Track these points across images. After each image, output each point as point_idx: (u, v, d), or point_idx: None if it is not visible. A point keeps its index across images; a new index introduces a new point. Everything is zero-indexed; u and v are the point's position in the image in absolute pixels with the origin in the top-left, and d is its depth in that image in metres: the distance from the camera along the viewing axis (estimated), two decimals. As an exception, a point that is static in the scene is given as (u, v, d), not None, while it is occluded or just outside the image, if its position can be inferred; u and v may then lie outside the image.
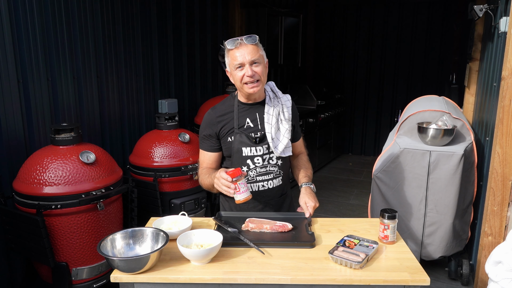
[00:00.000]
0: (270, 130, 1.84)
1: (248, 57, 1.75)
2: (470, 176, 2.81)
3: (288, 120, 1.88)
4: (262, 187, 1.91)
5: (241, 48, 1.75)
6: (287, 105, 1.91)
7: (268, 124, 1.85)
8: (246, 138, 1.85)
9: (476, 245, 2.88)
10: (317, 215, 1.91)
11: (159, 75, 3.75)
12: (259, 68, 1.78)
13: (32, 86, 2.61)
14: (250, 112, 1.88)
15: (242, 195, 1.65)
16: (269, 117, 1.86)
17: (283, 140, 1.85)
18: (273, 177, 1.92)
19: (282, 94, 1.96)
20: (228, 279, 1.42)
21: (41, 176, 2.22)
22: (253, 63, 1.76)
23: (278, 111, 1.87)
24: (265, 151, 1.87)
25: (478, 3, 3.08)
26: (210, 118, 1.90)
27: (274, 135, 1.84)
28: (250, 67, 1.75)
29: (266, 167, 1.89)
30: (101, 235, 2.37)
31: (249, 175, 1.89)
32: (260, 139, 1.87)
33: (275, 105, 1.88)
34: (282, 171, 1.94)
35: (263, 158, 1.88)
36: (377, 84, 6.36)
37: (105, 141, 3.25)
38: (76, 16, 2.88)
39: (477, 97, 3.38)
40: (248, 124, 1.88)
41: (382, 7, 6.11)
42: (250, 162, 1.87)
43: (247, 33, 1.96)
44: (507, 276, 1.63)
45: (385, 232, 1.65)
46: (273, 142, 1.84)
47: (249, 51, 1.75)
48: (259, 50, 1.79)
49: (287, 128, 1.87)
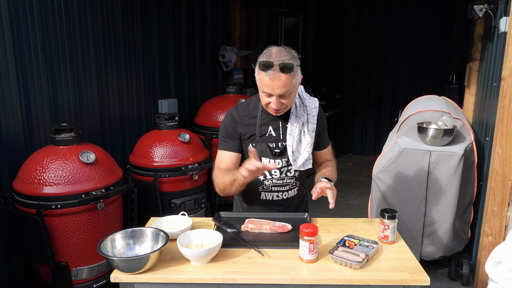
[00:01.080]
0: (291, 142, 1.76)
1: (278, 91, 1.60)
2: (470, 176, 2.81)
3: (311, 132, 1.79)
4: (276, 197, 1.87)
5: (273, 77, 1.57)
6: (313, 114, 1.81)
7: (290, 136, 1.76)
8: (267, 148, 1.77)
9: (476, 245, 2.87)
10: (317, 215, 1.91)
11: (159, 75, 3.75)
12: (288, 100, 1.65)
13: (32, 86, 2.61)
14: (274, 120, 1.78)
15: (313, 255, 1.50)
16: (292, 129, 1.76)
17: (303, 154, 1.78)
18: (289, 188, 1.88)
19: (310, 99, 1.84)
20: (228, 279, 1.42)
21: (41, 176, 2.22)
22: (282, 96, 1.63)
23: (302, 122, 1.77)
24: (284, 164, 1.80)
25: (478, 3, 3.08)
26: (233, 119, 1.80)
27: (295, 148, 1.76)
28: (277, 99, 1.62)
29: (283, 179, 1.84)
30: (101, 235, 2.37)
31: (265, 184, 1.85)
32: (280, 153, 1.78)
33: (301, 115, 1.77)
34: (299, 182, 1.89)
35: (280, 171, 1.82)
36: (377, 84, 6.36)
37: (105, 141, 3.25)
38: (76, 16, 2.88)
39: (477, 97, 3.38)
40: (270, 132, 1.78)
41: (382, 7, 6.11)
42: (267, 172, 1.81)
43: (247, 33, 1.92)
44: (507, 276, 1.63)
45: (385, 232, 1.65)
46: (293, 156, 1.76)
47: (281, 84, 1.58)
48: (293, 80, 1.61)
49: (309, 142, 1.78)
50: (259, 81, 1.65)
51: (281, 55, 1.60)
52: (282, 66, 1.56)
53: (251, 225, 1.73)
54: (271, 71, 1.57)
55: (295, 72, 1.62)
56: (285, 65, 1.56)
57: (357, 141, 6.64)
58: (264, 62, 1.58)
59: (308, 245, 1.47)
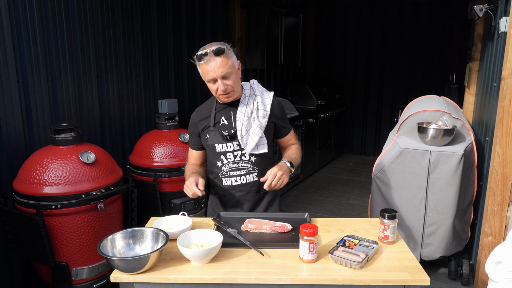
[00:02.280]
0: (240, 127, 1.90)
1: (218, 72, 1.78)
2: (470, 176, 2.81)
3: (262, 117, 1.92)
4: (234, 181, 1.98)
5: (210, 63, 1.78)
6: (266, 103, 1.95)
7: (239, 122, 1.91)
8: (219, 135, 1.93)
9: (476, 245, 2.88)
10: (317, 215, 1.91)
11: (159, 75, 3.75)
12: (231, 80, 1.83)
13: (32, 86, 2.61)
14: (226, 110, 1.96)
15: (313, 255, 1.51)
16: (240, 115, 1.92)
17: (253, 137, 1.90)
18: (245, 173, 1.97)
19: (264, 91, 2.00)
20: (228, 279, 1.42)
21: (41, 176, 2.22)
22: (224, 77, 1.80)
23: (251, 109, 1.93)
24: (236, 148, 1.94)
25: (478, 3, 3.08)
26: (193, 118, 2.04)
27: (244, 133, 1.90)
28: (222, 81, 1.81)
29: (238, 163, 1.96)
30: (101, 235, 2.37)
31: (223, 170, 1.98)
32: (231, 136, 1.93)
33: (249, 103, 1.93)
34: (256, 167, 1.97)
35: (234, 154, 1.95)
36: (377, 84, 6.36)
37: (105, 141, 3.25)
38: (76, 16, 2.88)
39: (477, 97, 3.38)
40: (223, 121, 1.96)
41: (382, 7, 6.11)
42: (223, 157, 1.96)
43: (247, 33, 2.00)
44: (507, 276, 1.63)
45: (385, 232, 1.65)
46: (243, 139, 1.90)
47: (218, 65, 1.77)
48: (229, 60, 1.81)
49: (257, 125, 1.90)
50: (202, 73, 1.84)
51: (212, 45, 1.80)
52: (215, 51, 1.77)
53: (251, 225, 1.73)
54: (207, 57, 1.77)
55: (228, 54, 1.80)
56: (217, 49, 1.77)
57: (357, 141, 6.64)
58: (199, 53, 1.79)
59: (308, 245, 1.47)
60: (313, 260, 1.50)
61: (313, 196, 4.77)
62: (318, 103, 5.43)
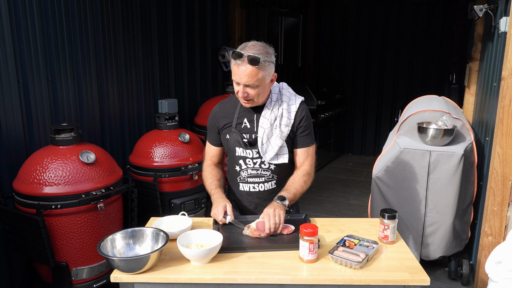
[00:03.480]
0: (262, 134, 1.82)
1: (243, 80, 1.70)
2: (470, 176, 2.81)
3: (285, 126, 1.82)
4: (252, 188, 1.91)
5: (241, 67, 1.68)
6: (290, 110, 1.84)
7: (261, 128, 1.82)
8: (240, 138, 1.85)
9: (476, 245, 2.87)
10: (317, 215, 1.91)
11: (159, 75, 3.75)
12: (254, 91, 1.73)
13: (32, 86, 2.61)
14: (250, 113, 1.86)
15: (313, 255, 1.51)
16: (264, 121, 1.82)
17: (274, 146, 1.82)
18: (264, 180, 1.90)
19: (293, 96, 1.89)
20: (228, 279, 1.42)
21: (41, 176, 2.22)
22: (248, 86, 1.72)
23: (275, 116, 1.82)
24: (255, 155, 1.85)
25: (478, 3, 3.08)
26: (215, 112, 1.94)
27: (265, 140, 1.82)
28: (244, 88, 1.72)
29: (257, 170, 1.88)
30: (101, 235, 2.37)
31: (241, 175, 1.91)
32: (251, 143, 1.84)
33: (274, 109, 1.83)
34: (275, 175, 1.90)
35: (253, 162, 1.87)
36: (377, 84, 6.36)
37: (105, 141, 3.25)
38: (76, 16, 2.88)
39: (477, 97, 3.37)
40: (245, 124, 1.87)
41: (382, 7, 6.11)
42: (242, 162, 1.88)
43: (247, 33, 1.96)
44: (507, 276, 1.63)
45: (385, 232, 1.65)
46: (263, 147, 1.82)
47: (247, 73, 1.68)
48: (260, 72, 1.69)
49: (278, 134, 1.81)
50: (232, 70, 1.75)
51: (254, 48, 1.70)
52: (250, 58, 1.66)
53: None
54: (240, 61, 1.68)
55: (263, 66, 1.70)
56: (252, 57, 1.66)
57: (357, 141, 6.63)
58: (236, 52, 1.69)
59: (308, 245, 1.47)
60: (313, 260, 1.50)
61: (313, 196, 4.77)
62: (318, 103, 5.43)
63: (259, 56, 1.66)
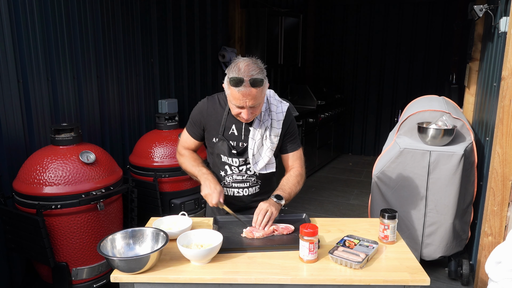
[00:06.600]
0: (252, 146, 1.81)
1: (249, 103, 1.65)
2: (470, 176, 2.81)
3: (274, 137, 1.82)
4: (237, 193, 1.93)
5: (243, 91, 1.61)
6: (278, 119, 1.83)
7: (252, 140, 1.81)
8: (226, 146, 1.83)
9: (476, 245, 2.87)
10: (317, 215, 1.91)
11: (159, 75, 3.75)
12: (258, 109, 1.71)
13: (32, 86, 2.61)
14: (238, 120, 1.81)
15: (313, 255, 1.51)
16: (254, 133, 1.81)
17: (264, 158, 1.83)
18: (249, 185, 1.92)
19: (279, 103, 1.87)
20: (228, 279, 1.42)
21: (41, 176, 2.22)
22: (253, 107, 1.68)
23: (265, 127, 1.81)
24: (241, 163, 1.85)
25: (478, 3, 3.08)
26: (202, 108, 1.87)
27: (256, 152, 1.82)
28: (248, 110, 1.68)
29: (243, 176, 1.90)
30: (101, 235, 2.37)
31: (226, 180, 1.91)
32: (239, 153, 1.83)
33: (265, 120, 1.82)
34: (260, 180, 1.92)
35: (239, 169, 1.88)
36: (377, 84, 6.36)
37: (105, 141, 3.25)
38: (76, 16, 2.88)
39: (477, 97, 3.38)
40: (232, 131, 1.84)
41: (382, 7, 6.11)
42: (228, 168, 1.89)
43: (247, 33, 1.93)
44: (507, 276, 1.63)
45: (385, 232, 1.65)
46: (254, 159, 1.83)
47: (252, 96, 1.63)
48: (263, 90, 1.68)
49: (269, 146, 1.82)
50: (230, 95, 1.68)
51: (250, 69, 1.63)
52: (252, 82, 1.61)
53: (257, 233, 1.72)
54: (242, 87, 1.61)
55: (264, 85, 1.67)
56: (254, 80, 1.61)
57: (357, 141, 6.64)
58: (235, 78, 1.61)
59: (308, 245, 1.47)
60: (313, 260, 1.50)
61: (313, 196, 4.77)
62: (318, 103, 5.43)
63: (260, 78, 1.64)
